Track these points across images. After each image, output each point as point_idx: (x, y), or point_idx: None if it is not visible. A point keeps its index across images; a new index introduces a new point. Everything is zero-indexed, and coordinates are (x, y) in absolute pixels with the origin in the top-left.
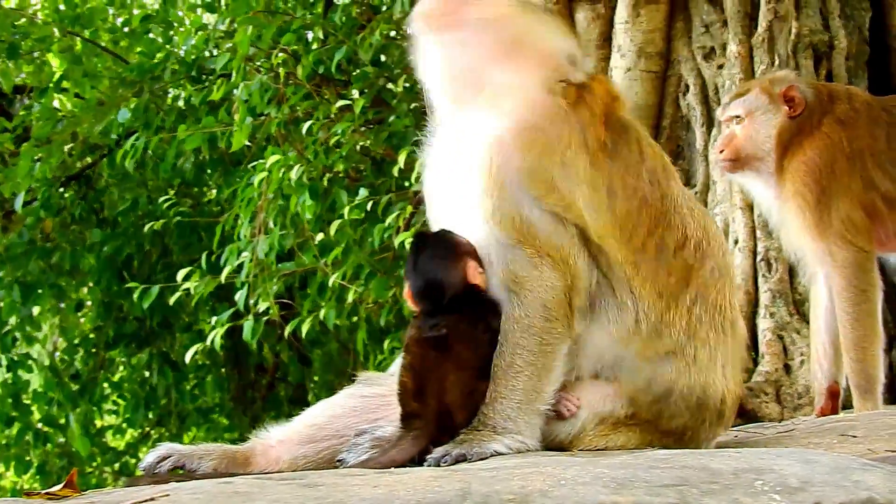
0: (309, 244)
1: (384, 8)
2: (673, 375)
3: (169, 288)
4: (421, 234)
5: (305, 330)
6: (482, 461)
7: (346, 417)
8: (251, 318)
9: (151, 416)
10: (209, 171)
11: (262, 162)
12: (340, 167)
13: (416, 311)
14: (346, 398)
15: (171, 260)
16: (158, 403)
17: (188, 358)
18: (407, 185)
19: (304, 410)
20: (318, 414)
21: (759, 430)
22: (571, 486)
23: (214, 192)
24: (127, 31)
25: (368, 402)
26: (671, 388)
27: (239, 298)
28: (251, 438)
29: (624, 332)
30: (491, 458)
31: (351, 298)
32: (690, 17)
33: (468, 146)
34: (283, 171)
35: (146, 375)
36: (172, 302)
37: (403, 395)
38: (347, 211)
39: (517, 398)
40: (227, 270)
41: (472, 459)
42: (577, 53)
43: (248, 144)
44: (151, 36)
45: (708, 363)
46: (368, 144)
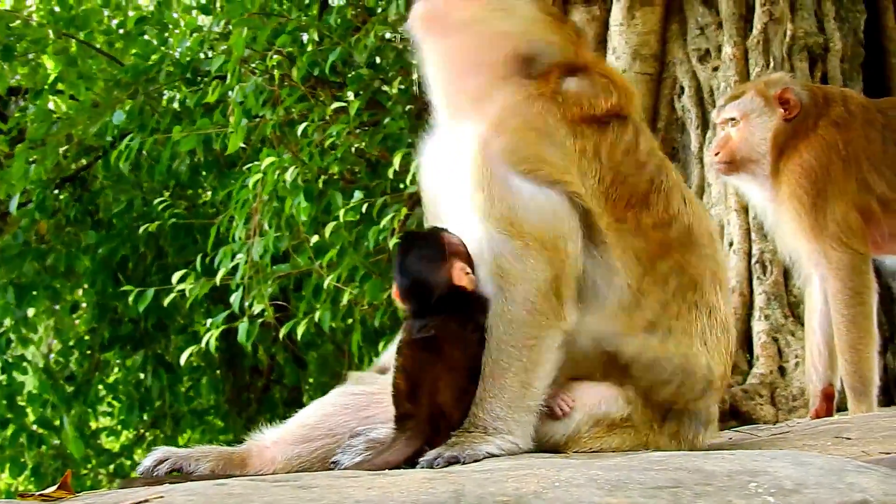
0: (304, 246)
1: (379, 10)
2: (655, 345)
3: (164, 290)
4: (409, 233)
5: (301, 332)
6: (476, 463)
7: (337, 416)
8: (246, 320)
9: (146, 417)
10: (204, 172)
11: (256, 164)
12: (335, 169)
13: (407, 312)
14: (337, 397)
15: (165, 262)
16: (153, 405)
17: (183, 360)
18: (402, 187)
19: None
20: (310, 414)
21: (753, 431)
22: (565, 487)
23: (209, 193)
24: (122, 32)
25: (359, 399)
26: (656, 357)
27: (234, 300)
28: (246, 440)
29: (610, 304)
30: (484, 459)
31: (346, 300)
32: (685, 19)
33: (458, 144)
34: (277, 172)
35: (141, 377)
36: (167, 304)
37: (397, 396)
38: (342, 213)
39: (506, 397)
40: (221, 272)
41: (464, 462)
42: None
43: (243, 146)
44: (146, 38)
45: (683, 336)
46: (363, 146)
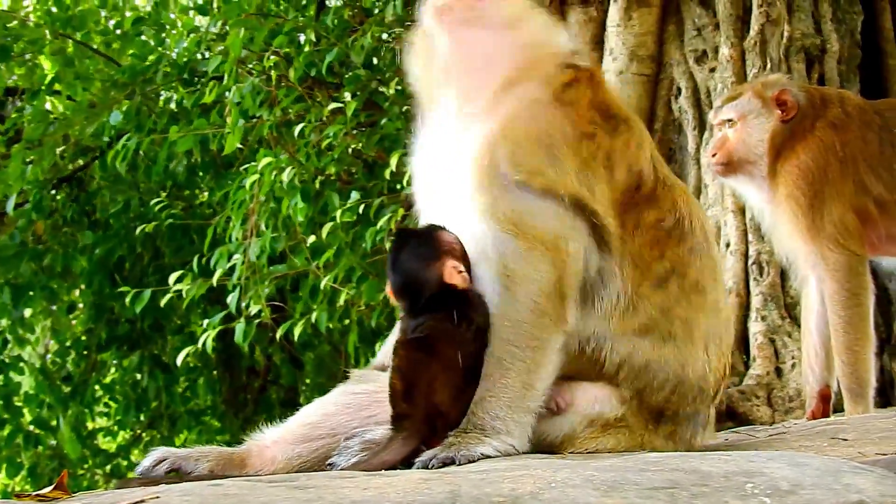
0: (301, 247)
1: (376, 11)
2: (647, 349)
3: (160, 290)
4: (403, 229)
5: (297, 332)
6: (471, 464)
7: (338, 415)
8: (243, 320)
9: (143, 418)
10: (201, 173)
11: (253, 164)
12: (332, 170)
13: (401, 310)
14: (338, 396)
15: (162, 262)
16: (149, 406)
17: (180, 360)
18: (399, 187)
19: (295, 413)
20: (311, 413)
21: (750, 432)
22: (561, 488)
23: (206, 194)
24: (119, 33)
25: (361, 398)
26: (647, 361)
27: (231, 301)
28: (246, 440)
29: (605, 305)
30: (479, 460)
31: (343, 301)
32: (682, 20)
33: (463, 142)
34: (274, 173)
35: (137, 378)
36: (164, 304)
37: (393, 396)
38: (339, 214)
39: (507, 397)
40: (218, 273)
41: (459, 463)
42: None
43: (240, 147)
44: (143, 38)
45: (684, 343)
46: (360, 147)
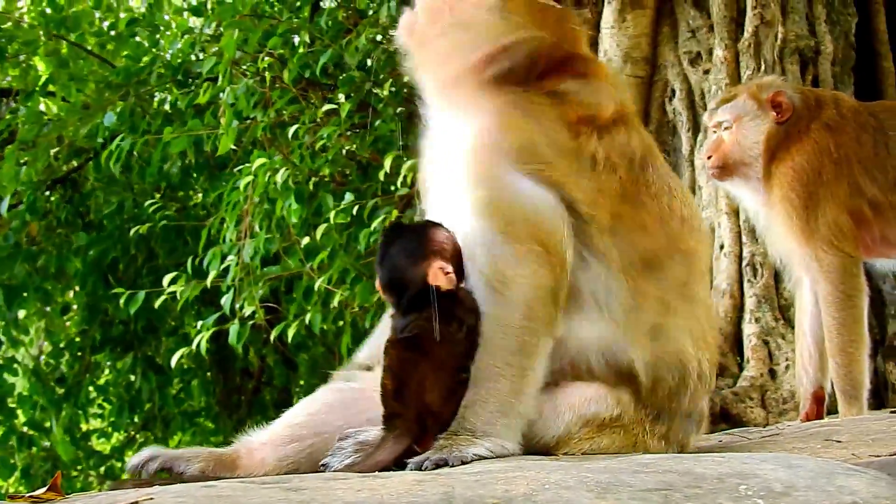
0: (295, 248)
1: (370, 12)
2: (656, 348)
3: (155, 292)
4: (395, 224)
5: (291, 334)
6: (465, 465)
7: (323, 414)
8: (237, 322)
9: (137, 419)
10: (195, 174)
11: (247, 166)
12: (326, 171)
13: (391, 309)
14: (323, 395)
15: (156, 264)
16: (143, 407)
17: (174, 362)
18: (393, 189)
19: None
20: (297, 413)
21: (743, 434)
22: (555, 490)
23: (200, 195)
24: (113, 34)
25: (345, 395)
26: (657, 359)
27: (225, 302)
28: (235, 442)
29: (612, 309)
30: (473, 461)
31: (337, 302)
32: (676, 21)
33: (455, 142)
34: (268, 174)
35: (132, 379)
36: (158, 306)
37: (384, 396)
38: (333, 215)
39: (497, 401)
40: (212, 274)
41: (452, 464)
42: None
43: (234, 148)
44: (138, 39)
45: (679, 333)
46: (354, 149)
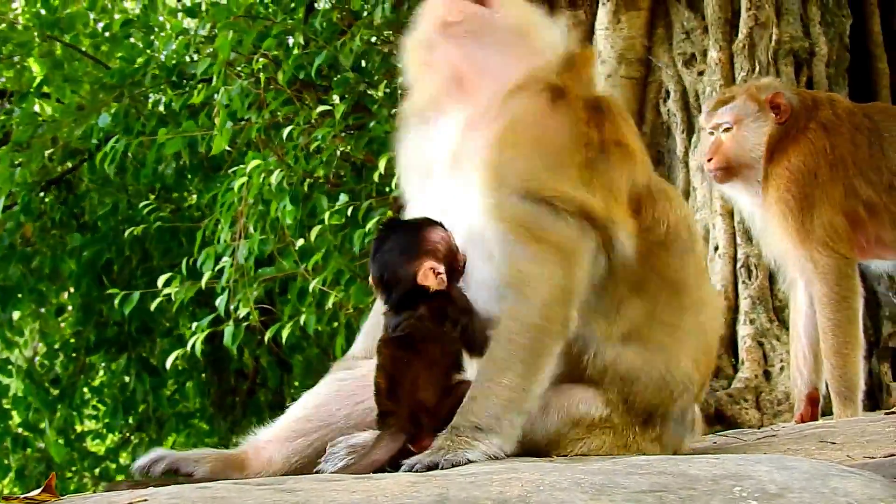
0: (289, 249)
1: (365, 14)
2: (631, 357)
3: (149, 293)
4: (391, 221)
5: (286, 335)
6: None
7: (330, 404)
8: (231, 323)
9: (131, 421)
10: (189, 176)
11: (242, 167)
12: (321, 172)
13: (384, 306)
14: (326, 385)
15: (151, 265)
16: (138, 409)
17: (169, 363)
18: (387, 190)
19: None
20: (302, 406)
21: (738, 436)
22: (549, 491)
23: (195, 197)
24: (107, 35)
25: (349, 384)
26: (631, 368)
27: (219, 304)
28: (242, 442)
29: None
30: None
31: (331, 304)
32: (671, 23)
33: (469, 146)
34: (263, 176)
35: (126, 380)
36: (153, 308)
37: (377, 395)
38: (328, 216)
39: (504, 396)
40: (206, 275)
41: (443, 467)
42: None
43: (228, 150)
44: (132, 41)
45: (668, 344)
46: (349, 150)
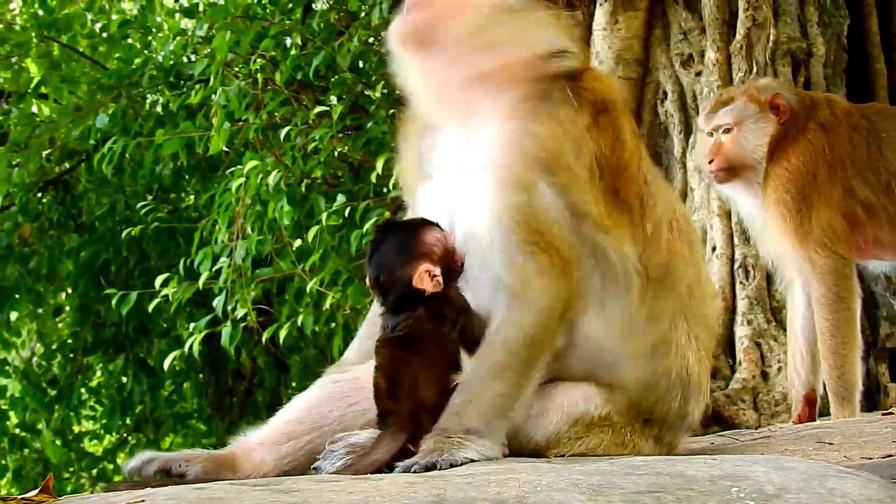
0: (287, 250)
1: (362, 14)
2: (655, 366)
3: (147, 294)
4: (388, 222)
5: (283, 336)
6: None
7: (322, 406)
8: (229, 324)
9: (129, 421)
10: (187, 176)
11: (239, 168)
12: (318, 173)
13: (381, 307)
14: (319, 388)
15: (148, 265)
16: (135, 409)
17: (166, 364)
18: (385, 191)
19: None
20: (294, 409)
21: (735, 436)
22: (547, 492)
23: (192, 197)
24: (105, 36)
25: (341, 387)
26: (655, 377)
27: (217, 304)
28: (231, 443)
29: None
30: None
31: (328, 304)
32: (668, 24)
33: (470, 153)
34: (260, 176)
35: (123, 381)
36: (151, 308)
37: (377, 395)
38: (325, 217)
39: (495, 402)
40: (204, 276)
41: (441, 468)
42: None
43: (226, 150)
44: (129, 41)
45: (678, 347)
46: (346, 150)
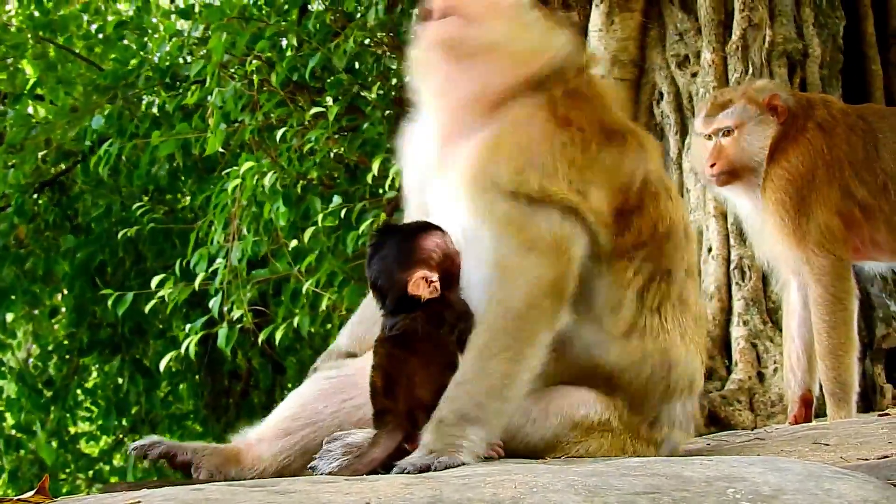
0: (283, 251)
1: (358, 15)
2: (636, 355)
3: (143, 295)
4: (388, 226)
5: (279, 337)
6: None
7: (316, 402)
8: (225, 325)
9: (125, 422)
10: (183, 177)
11: (235, 169)
12: (314, 174)
13: (380, 309)
14: (312, 384)
15: (144, 266)
16: (131, 410)
17: (162, 365)
18: (381, 192)
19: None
20: (289, 406)
21: (731, 437)
22: (543, 493)
23: (188, 198)
24: (101, 37)
25: (334, 383)
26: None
27: (213, 305)
28: (234, 438)
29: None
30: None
31: (325, 305)
32: (664, 24)
33: (461, 150)
34: (256, 177)
35: (119, 382)
36: (147, 309)
37: (374, 394)
38: (321, 218)
39: (489, 382)
40: (200, 277)
41: (436, 469)
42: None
43: (221, 151)
44: (125, 42)
45: (661, 331)
46: (342, 152)
